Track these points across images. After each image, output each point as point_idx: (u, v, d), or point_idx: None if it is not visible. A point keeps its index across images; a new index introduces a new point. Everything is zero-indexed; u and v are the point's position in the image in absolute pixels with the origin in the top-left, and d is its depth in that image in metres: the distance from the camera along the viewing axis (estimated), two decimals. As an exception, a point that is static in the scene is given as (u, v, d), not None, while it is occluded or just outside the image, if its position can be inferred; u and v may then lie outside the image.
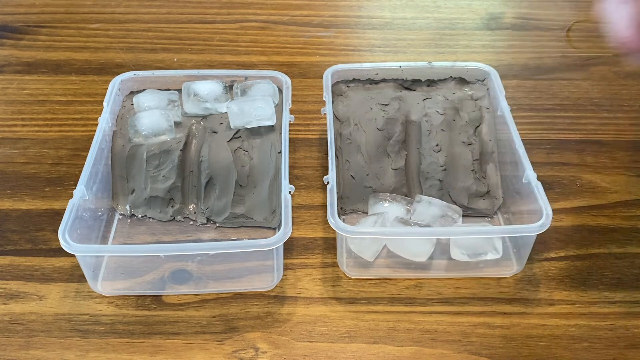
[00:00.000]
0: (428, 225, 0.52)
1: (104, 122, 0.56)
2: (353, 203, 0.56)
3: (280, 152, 0.55)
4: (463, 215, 0.54)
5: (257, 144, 0.57)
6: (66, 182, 0.60)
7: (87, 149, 0.54)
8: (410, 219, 0.53)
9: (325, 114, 0.57)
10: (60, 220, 0.48)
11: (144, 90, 0.60)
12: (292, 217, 0.48)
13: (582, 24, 0.80)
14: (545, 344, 0.48)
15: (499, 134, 0.58)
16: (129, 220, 0.56)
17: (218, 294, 0.51)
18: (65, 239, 0.47)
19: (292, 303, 0.50)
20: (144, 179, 0.55)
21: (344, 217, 0.56)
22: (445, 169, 0.56)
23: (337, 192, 0.51)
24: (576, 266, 0.53)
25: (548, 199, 0.49)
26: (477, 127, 0.58)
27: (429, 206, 0.53)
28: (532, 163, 0.52)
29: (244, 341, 0.48)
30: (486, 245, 0.51)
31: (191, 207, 0.56)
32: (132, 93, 0.61)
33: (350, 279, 0.52)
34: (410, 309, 0.50)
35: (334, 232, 0.52)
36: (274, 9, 0.82)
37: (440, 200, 0.54)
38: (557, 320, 0.49)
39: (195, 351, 0.48)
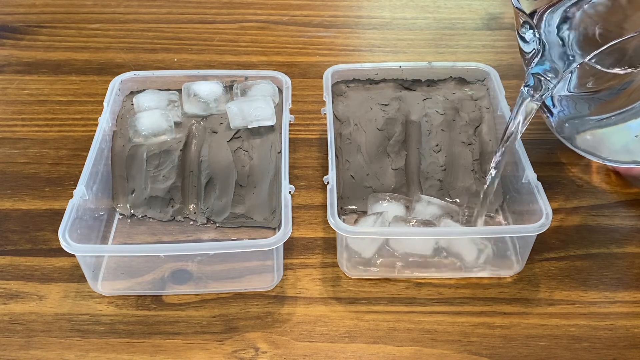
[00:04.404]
0: (429, 221, 0.51)
1: (104, 122, 0.56)
2: (353, 203, 0.56)
3: (280, 152, 0.55)
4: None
5: (257, 144, 0.57)
6: (66, 182, 0.60)
7: (87, 149, 0.54)
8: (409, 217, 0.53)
9: (325, 114, 0.57)
10: (60, 220, 0.48)
11: (144, 90, 0.60)
12: (292, 217, 0.48)
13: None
14: (545, 344, 0.48)
15: (499, 134, 0.58)
16: (129, 220, 0.56)
17: (218, 294, 0.51)
18: (65, 239, 0.47)
19: (292, 303, 0.51)
20: (144, 179, 0.55)
21: (344, 217, 0.56)
22: (445, 169, 0.56)
23: (337, 192, 0.51)
24: (576, 266, 0.53)
25: (548, 199, 0.49)
26: (477, 127, 0.58)
27: (427, 205, 0.53)
28: (532, 163, 0.52)
29: (244, 341, 0.48)
30: (484, 243, 0.51)
31: (191, 207, 0.56)
32: (132, 93, 0.61)
33: (350, 279, 0.52)
34: (410, 309, 0.50)
35: (334, 232, 0.52)
36: (274, 9, 0.82)
37: (440, 200, 0.54)
38: (557, 320, 0.49)
39: (195, 351, 0.48)
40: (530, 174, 0.51)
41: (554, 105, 0.50)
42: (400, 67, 0.61)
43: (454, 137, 0.57)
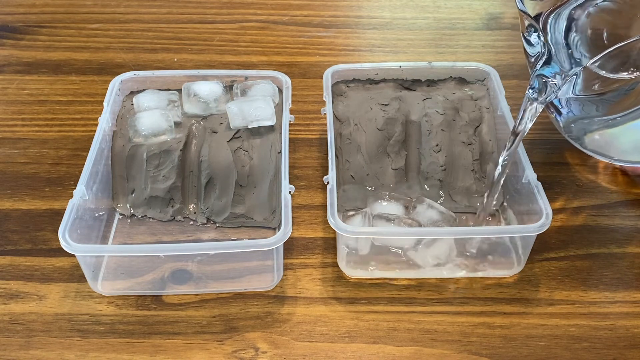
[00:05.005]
0: (413, 219, 0.51)
1: (104, 122, 0.56)
2: (353, 203, 0.56)
3: (280, 152, 0.55)
4: (464, 214, 0.55)
5: (257, 144, 0.57)
6: (66, 182, 0.60)
7: (87, 149, 0.54)
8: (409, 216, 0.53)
9: (325, 114, 0.57)
10: (60, 220, 0.48)
11: (144, 90, 0.60)
12: (292, 217, 0.48)
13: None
14: (545, 344, 0.48)
15: (499, 134, 0.58)
16: (129, 220, 0.56)
17: (218, 294, 0.51)
18: (65, 239, 0.47)
19: (292, 303, 0.51)
20: (144, 179, 0.55)
21: (343, 216, 0.56)
22: (445, 169, 0.56)
23: (337, 192, 0.51)
24: (576, 266, 0.53)
25: (548, 199, 0.49)
26: (477, 127, 0.58)
27: (427, 209, 0.53)
28: (532, 163, 0.52)
29: (244, 341, 0.48)
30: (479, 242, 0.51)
31: (191, 207, 0.56)
32: (132, 93, 0.61)
33: (350, 279, 0.52)
34: (410, 309, 0.50)
35: (334, 232, 0.52)
36: (274, 9, 0.82)
37: (441, 206, 0.53)
38: (557, 320, 0.49)
39: (195, 351, 0.48)
40: (530, 174, 0.51)
41: (562, 106, 0.50)
42: (400, 67, 0.61)
43: (454, 137, 0.57)
